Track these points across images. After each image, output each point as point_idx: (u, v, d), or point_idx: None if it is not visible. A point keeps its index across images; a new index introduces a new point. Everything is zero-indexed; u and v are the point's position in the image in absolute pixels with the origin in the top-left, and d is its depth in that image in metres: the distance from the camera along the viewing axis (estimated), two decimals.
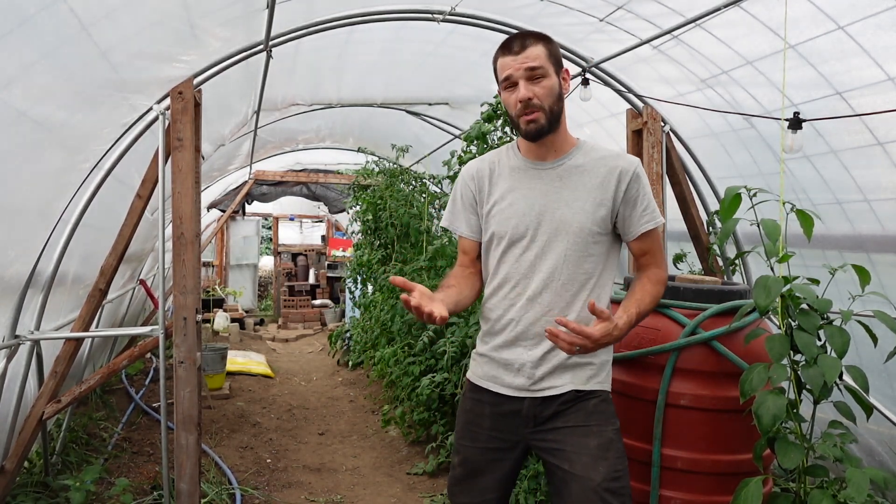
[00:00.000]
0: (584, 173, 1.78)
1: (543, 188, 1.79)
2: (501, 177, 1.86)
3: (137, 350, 3.22)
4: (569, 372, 1.77)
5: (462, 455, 1.89)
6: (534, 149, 1.82)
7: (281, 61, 3.91)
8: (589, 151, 1.82)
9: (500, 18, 3.66)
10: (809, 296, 1.97)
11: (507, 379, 1.81)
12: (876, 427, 3.18)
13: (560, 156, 1.81)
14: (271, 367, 7.04)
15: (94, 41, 2.33)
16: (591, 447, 1.72)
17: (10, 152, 2.29)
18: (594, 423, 1.75)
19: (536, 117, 1.71)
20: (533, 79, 1.70)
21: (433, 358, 4.27)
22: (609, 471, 1.69)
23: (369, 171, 6.49)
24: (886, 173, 2.90)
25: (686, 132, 3.89)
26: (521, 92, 1.70)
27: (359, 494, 3.77)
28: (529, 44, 1.71)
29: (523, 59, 1.70)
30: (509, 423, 1.82)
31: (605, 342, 1.58)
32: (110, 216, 3.42)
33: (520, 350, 1.80)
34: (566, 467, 1.72)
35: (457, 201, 1.95)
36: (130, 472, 3.80)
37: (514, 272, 1.81)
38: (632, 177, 1.77)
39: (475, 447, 1.87)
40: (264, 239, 15.72)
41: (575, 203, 1.76)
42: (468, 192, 1.92)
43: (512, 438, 1.83)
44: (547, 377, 1.77)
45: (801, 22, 2.71)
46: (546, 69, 1.71)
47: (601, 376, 1.81)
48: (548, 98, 1.72)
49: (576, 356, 1.75)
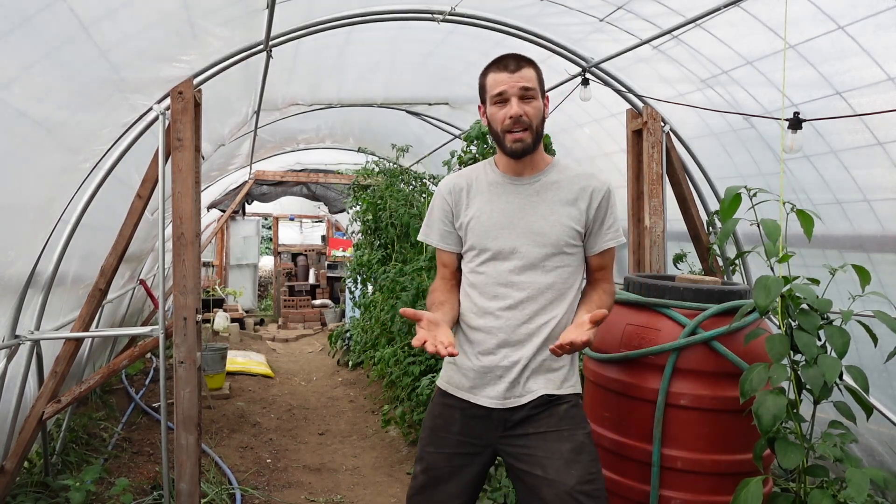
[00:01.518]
0: (559, 189, 1.86)
1: (521, 202, 1.86)
2: (480, 191, 1.91)
3: (137, 350, 3.22)
4: (542, 376, 1.81)
5: (426, 462, 1.88)
6: (512, 165, 1.88)
7: (281, 61, 3.91)
8: (563, 170, 1.90)
9: (499, 18, 3.67)
10: (809, 296, 1.97)
11: (481, 387, 1.83)
12: (876, 427, 3.18)
13: (536, 172, 1.88)
14: (271, 367, 7.04)
15: (94, 41, 2.33)
16: (563, 451, 1.74)
17: (10, 152, 2.29)
18: (566, 427, 1.78)
19: (523, 136, 1.79)
20: (525, 98, 1.78)
21: (433, 358, 4.27)
22: (583, 473, 1.71)
23: (369, 171, 6.49)
24: (886, 173, 2.90)
25: (686, 132, 3.89)
26: (514, 108, 1.76)
27: (359, 494, 3.77)
28: (524, 65, 1.79)
29: (518, 79, 1.77)
30: (478, 426, 1.84)
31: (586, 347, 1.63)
32: (110, 216, 3.42)
33: (492, 357, 1.82)
34: (538, 472, 1.74)
35: (433, 214, 1.98)
36: (130, 472, 3.80)
37: (493, 282, 1.84)
38: (603, 196, 1.86)
39: (441, 453, 1.86)
40: (264, 239, 15.72)
41: (551, 216, 1.83)
42: (446, 207, 1.95)
43: (480, 443, 1.85)
44: (523, 383, 1.81)
45: (801, 22, 2.71)
46: (536, 91, 1.80)
47: (572, 379, 1.86)
48: (536, 118, 1.79)
49: (549, 361, 1.82)
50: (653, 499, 2.23)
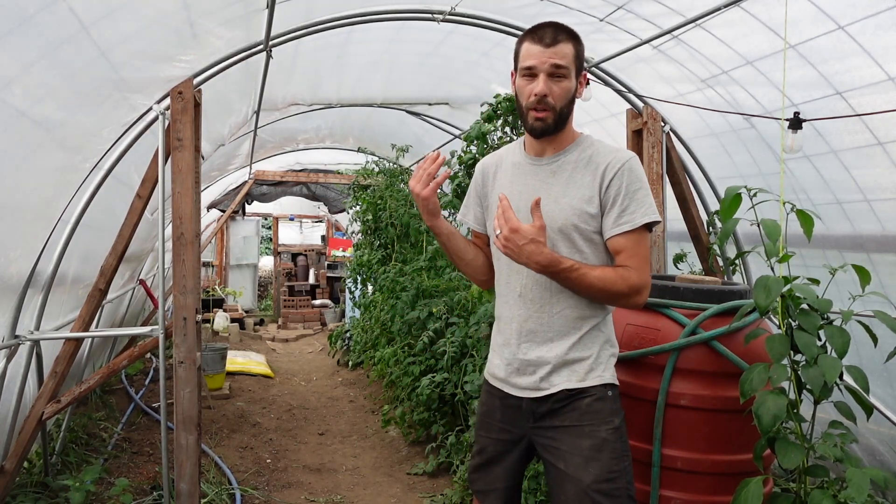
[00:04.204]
0: (576, 169, 1.76)
1: (535, 184, 1.80)
2: (504, 172, 1.89)
3: (137, 350, 3.22)
4: (565, 369, 1.76)
5: (479, 444, 1.95)
6: (535, 145, 1.83)
7: (281, 61, 3.91)
8: (586, 147, 1.78)
9: (499, 18, 3.66)
10: (810, 296, 1.97)
11: (510, 378, 1.84)
12: (876, 427, 3.18)
13: (557, 152, 1.80)
14: (271, 367, 7.04)
15: (94, 41, 2.33)
16: (583, 448, 1.71)
17: (10, 152, 2.29)
18: (587, 423, 1.73)
19: (545, 116, 1.71)
20: (555, 76, 1.68)
21: (433, 358, 4.27)
22: (601, 472, 1.68)
23: (369, 171, 6.49)
24: (886, 173, 2.90)
25: (686, 132, 3.89)
26: (540, 86, 1.68)
27: (359, 494, 3.76)
28: (561, 39, 1.68)
29: (551, 54, 1.67)
30: (514, 416, 1.85)
31: (527, 247, 1.58)
32: (110, 216, 3.42)
33: (513, 348, 1.81)
34: (561, 466, 1.73)
35: (469, 195, 2.01)
36: (130, 472, 3.80)
37: (507, 268, 1.83)
38: (617, 171, 1.70)
39: (489, 437, 1.91)
40: (264, 239, 15.73)
41: (563, 199, 1.74)
42: (477, 186, 1.97)
43: (518, 432, 1.86)
44: (545, 376, 1.78)
45: (801, 22, 2.71)
46: (569, 70, 1.69)
47: (598, 370, 1.77)
48: (562, 100, 1.70)
49: (572, 352, 1.75)
50: (653, 499, 2.23)
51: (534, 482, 3.14)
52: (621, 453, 1.73)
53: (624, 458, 1.73)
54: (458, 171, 4.11)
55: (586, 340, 1.77)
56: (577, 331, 1.76)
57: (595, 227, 1.74)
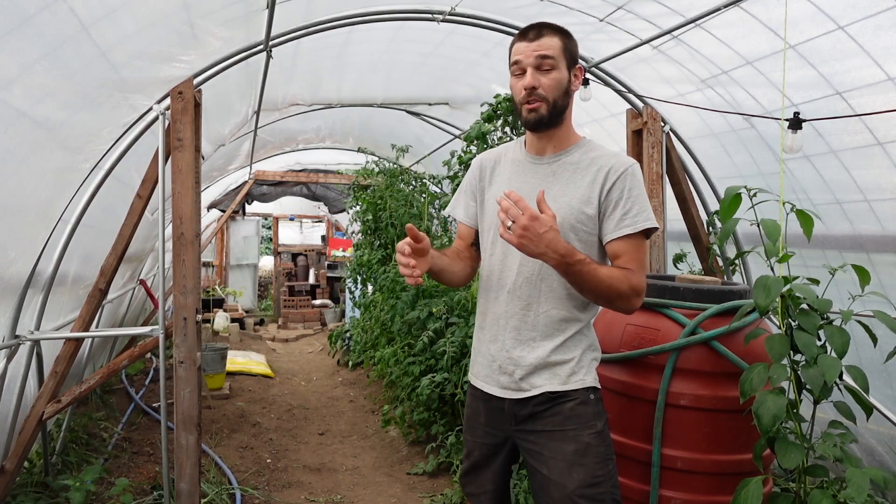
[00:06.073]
0: (576, 171, 1.76)
1: (535, 183, 1.78)
2: (503, 168, 1.88)
3: (137, 350, 3.22)
4: (547, 371, 1.74)
5: (467, 448, 1.95)
6: (535, 143, 1.82)
7: (281, 61, 3.91)
8: (588, 150, 1.78)
9: (499, 18, 3.67)
10: (809, 296, 1.97)
11: (492, 376, 1.82)
12: (876, 427, 3.18)
13: (557, 151, 1.79)
14: (271, 367, 7.04)
15: (94, 41, 2.33)
16: (566, 452, 1.70)
17: (10, 152, 2.29)
18: (570, 427, 1.71)
19: (537, 107, 1.70)
20: (542, 68, 1.69)
21: (433, 358, 4.27)
22: (586, 476, 1.67)
23: (369, 171, 6.49)
24: (886, 173, 2.90)
25: (686, 132, 3.89)
26: (527, 79, 1.69)
27: (359, 494, 3.77)
28: (545, 34, 1.70)
29: (536, 47, 1.69)
30: (498, 419, 1.84)
31: (547, 234, 1.51)
32: (110, 216, 3.42)
33: (499, 345, 1.80)
34: (545, 472, 1.72)
35: (461, 188, 2.00)
36: (130, 472, 3.80)
37: (498, 264, 1.82)
38: (619, 176, 1.70)
39: (475, 441, 1.90)
40: (264, 239, 15.72)
41: (562, 199, 1.74)
42: (473, 180, 1.95)
43: (502, 434, 1.85)
44: (525, 376, 1.76)
45: (801, 22, 2.71)
46: (557, 62, 1.70)
47: (581, 373, 1.75)
48: (553, 91, 1.70)
49: (555, 354, 1.73)
50: (653, 499, 2.23)
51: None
52: (605, 457, 1.71)
53: (608, 462, 1.71)
54: (458, 171, 4.11)
55: (569, 344, 1.75)
56: (561, 333, 1.75)
57: (591, 228, 1.74)
